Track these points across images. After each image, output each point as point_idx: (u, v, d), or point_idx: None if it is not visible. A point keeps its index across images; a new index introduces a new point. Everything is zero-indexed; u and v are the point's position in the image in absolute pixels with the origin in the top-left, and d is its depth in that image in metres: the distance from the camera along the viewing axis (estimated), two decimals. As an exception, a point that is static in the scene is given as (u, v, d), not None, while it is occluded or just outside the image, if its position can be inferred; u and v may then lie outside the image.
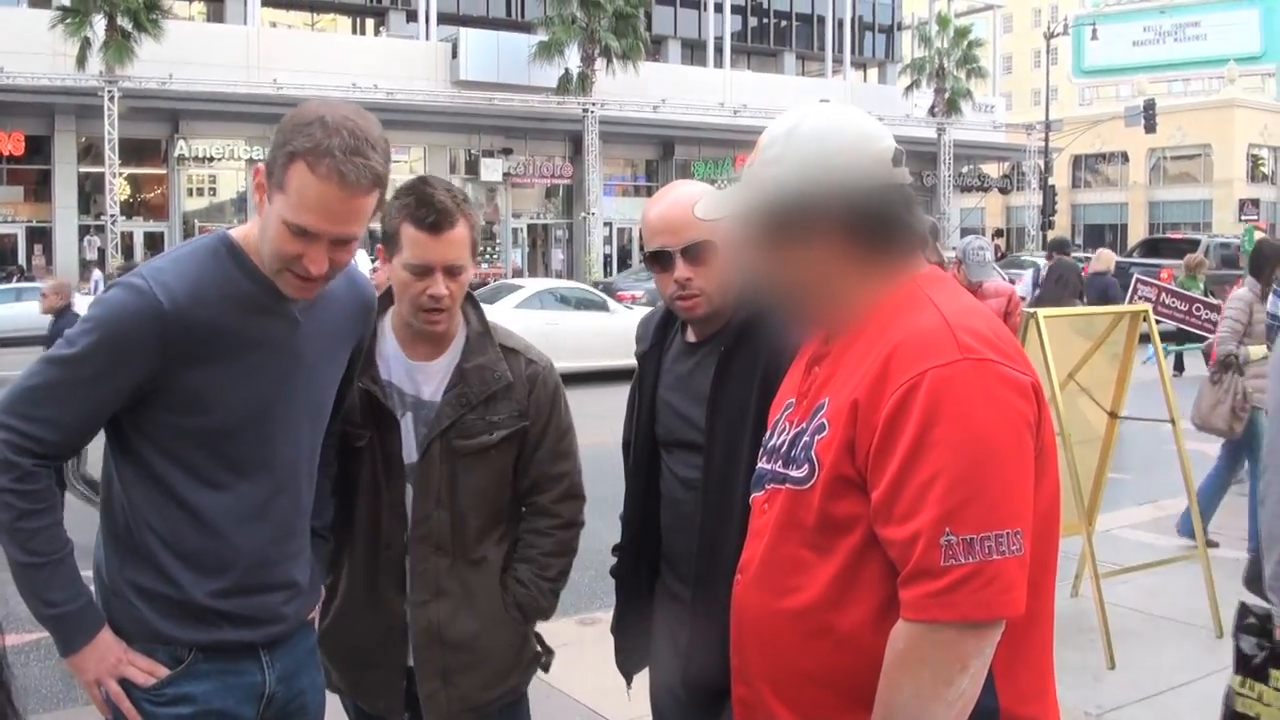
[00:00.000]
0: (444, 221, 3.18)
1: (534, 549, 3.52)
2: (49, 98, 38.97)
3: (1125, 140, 66.89)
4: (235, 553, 2.86)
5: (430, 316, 3.27)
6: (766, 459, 2.59)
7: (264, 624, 2.96)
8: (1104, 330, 7.68)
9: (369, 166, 2.66)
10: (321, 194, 2.63)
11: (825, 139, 2.40)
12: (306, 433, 3.02)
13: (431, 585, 3.36)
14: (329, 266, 2.74)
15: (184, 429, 2.78)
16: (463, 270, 3.26)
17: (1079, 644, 6.78)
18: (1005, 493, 2.15)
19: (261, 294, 2.81)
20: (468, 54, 46.49)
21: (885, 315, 2.37)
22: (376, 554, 3.40)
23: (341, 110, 2.69)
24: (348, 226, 2.71)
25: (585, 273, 41.60)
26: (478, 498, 3.41)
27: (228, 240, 2.85)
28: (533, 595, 3.48)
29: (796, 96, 45.57)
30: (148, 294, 2.67)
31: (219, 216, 43.78)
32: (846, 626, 2.30)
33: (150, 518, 2.80)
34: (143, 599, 2.82)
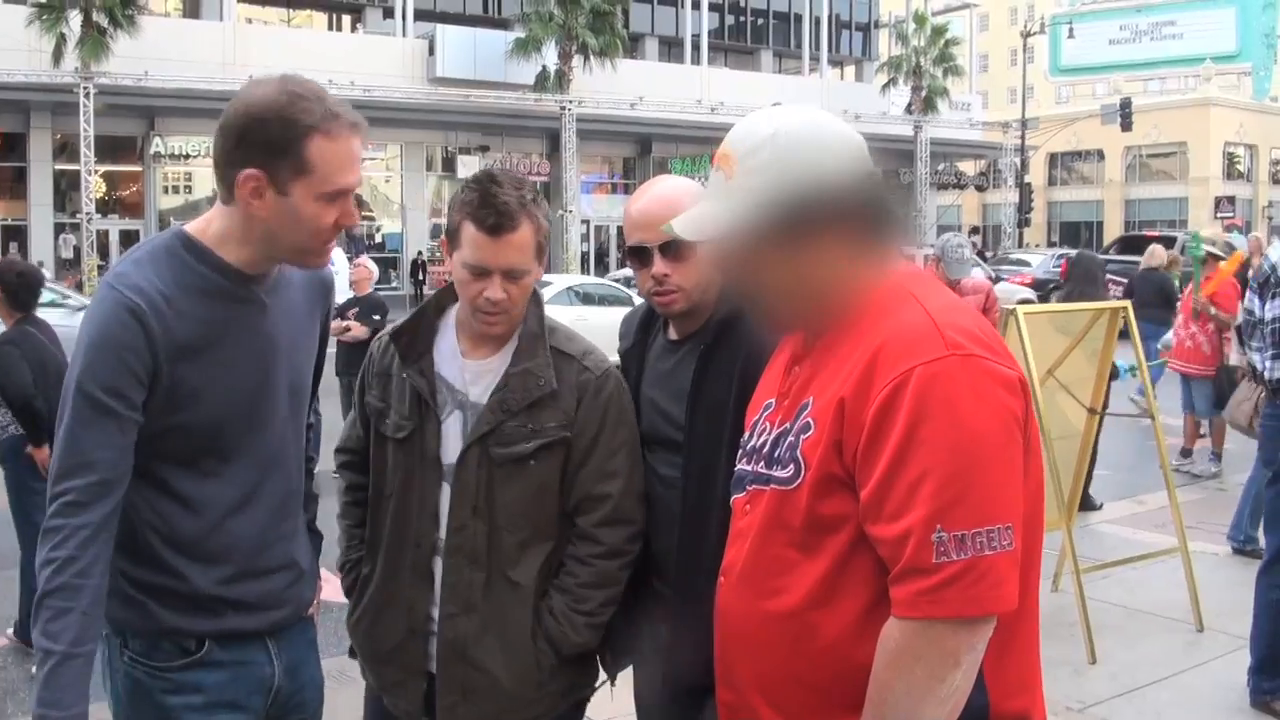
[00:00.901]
0: (505, 223, 3.07)
1: (572, 578, 3.26)
2: (24, 94, 38.80)
3: (1101, 138, 67.15)
4: (233, 538, 2.87)
5: (486, 319, 3.17)
6: (746, 460, 2.57)
7: (270, 609, 2.97)
8: (1083, 327, 7.69)
9: (354, 111, 2.78)
10: (349, 151, 2.74)
11: (816, 139, 2.38)
12: (289, 413, 3.03)
13: (462, 599, 3.21)
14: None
15: (173, 425, 2.76)
16: (525, 274, 3.15)
17: (1060, 638, 6.78)
18: (995, 488, 2.14)
19: (226, 282, 2.82)
20: (444, 51, 46.46)
21: (869, 313, 2.35)
22: (404, 551, 3.28)
23: (286, 79, 2.75)
24: (360, 169, 2.83)
25: (564, 270, 41.49)
26: (517, 512, 3.22)
27: (183, 235, 2.85)
28: (564, 630, 3.23)
29: (774, 94, 45.72)
30: (122, 297, 2.68)
31: (195, 214, 41.53)
32: (834, 627, 2.28)
33: (146, 514, 2.80)
34: (147, 594, 2.82)
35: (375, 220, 49.96)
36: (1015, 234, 57.48)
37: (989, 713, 2.26)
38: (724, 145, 2.46)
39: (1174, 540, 7.68)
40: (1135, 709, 6.17)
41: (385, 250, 47.89)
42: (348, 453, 3.55)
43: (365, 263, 13.98)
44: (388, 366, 3.36)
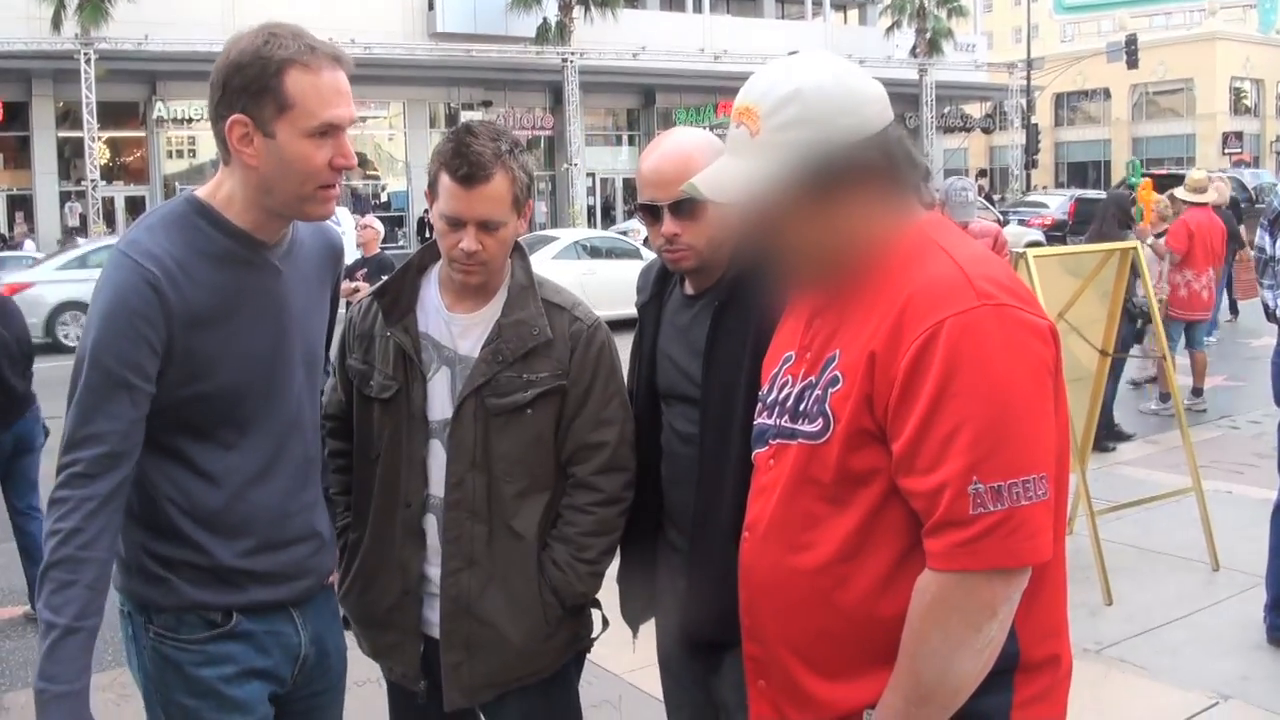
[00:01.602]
0: (477, 173, 3.08)
1: (572, 527, 3.29)
2: (25, 63, 38.58)
3: (1107, 77, 66.76)
4: (255, 509, 2.86)
5: (463, 268, 3.17)
6: (767, 414, 2.56)
7: (293, 579, 2.96)
8: (1094, 268, 7.66)
9: (333, 45, 2.75)
10: (332, 82, 2.69)
11: (842, 93, 2.34)
12: (305, 380, 3.01)
13: (465, 554, 3.22)
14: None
15: (190, 396, 2.74)
16: (500, 226, 3.15)
17: (1076, 581, 6.70)
18: (1030, 438, 2.15)
19: (239, 248, 2.79)
20: (444, 5, 46.08)
21: (895, 264, 2.33)
22: (394, 512, 3.29)
23: (265, 25, 2.72)
24: (353, 107, 2.77)
25: (571, 224, 41.36)
26: (513, 461, 3.23)
27: (195, 201, 2.82)
28: (568, 579, 3.27)
29: (777, 41, 45.42)
30: (135, 267, 2.65)
31: (199, 178, 43.33)
32: (864, 580, 2.29)
33: (165, 488, 2.77)
34: (169, 569, 2.80)
35: (380, 179, 49.83)
36: (1023, 176, 57.20)
37: (1019, 659, 2.28)
38: (743, 99, 2.41)
39: (1188, 480, 7.69)
40: (1152, 648, 6.21)
41: (391, 209, 47.74)
42: (329, 419, 3.49)
43: (372, 222, 13.94)
44: (369, 328, 3.37)
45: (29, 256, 33.02)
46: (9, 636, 7.23)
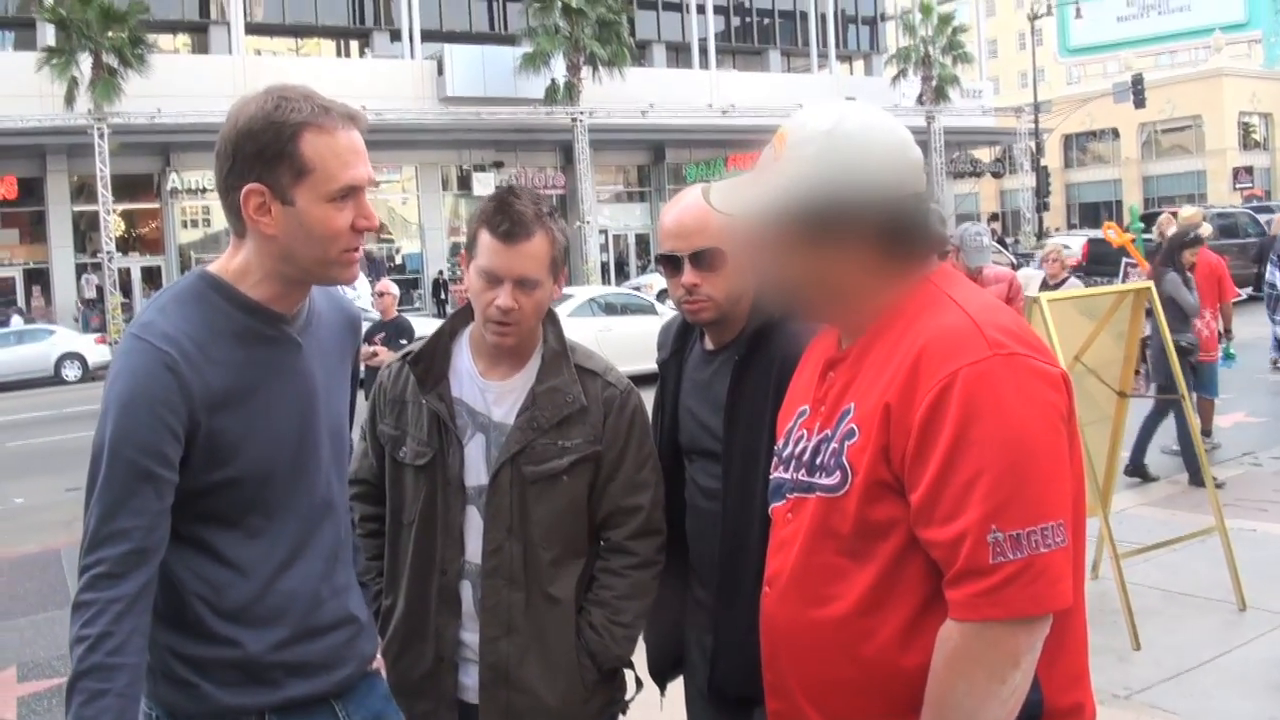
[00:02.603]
0: (518, 231, 3.10)
1: (608, 590, 3.28)
2: (39, 139, 38.99)
3: (1115, 117, 66.87)
4: (287, 598, 2.68)
5: (497, 329, 3.17)
6: (784, 468, 2.57)
7: (331, 669, 2.77)
8: (1108, 310, 7.66)
9: (345, 104, 2.62)
10: (348, 143, 2.57)
11: (869, 144, 2.37)
12: (332, 458, 2.85)
13: (503, 621, 3.19)
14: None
15: (215, 482, 2.58)
16: (536, 286, 3.15)
17: (1103, 626, 6.75)
18: (1046, 486, 2.15)
19: (258, 323, 2.66)
20: (453, 70, 46.47)
21: (906, 316, 2.36)
22: (430, 579, 3.25)
23: (271, 88, 2.58)
24: (369, 163, 2.65)
25: (584, 282, 41.46)
26: (550, 528, 3.21)
27: (208, 276, 2.68)
28: (605, 643, 3.25)
29: (784, 93, 45.61)
30: (153, 348, 2.51)
31: (214, 247, 43.75)
32: (885, 632, 2.29)
33: (190, 582, 2.60)
34: (198, 672, 2.62)
35: (394, 242, 50.08)
36: (1035, 218, 57.23)
37: (1044, 708, 2.27)
38: (783, 125, 2.45)
39: (1211, 520, 7.65)
40: (1182, 693, 6.15)
41: (406, 271, 48.00)
42: (359, 484, 3.47)
43: (388, 287, 13.96)
44: (401, 393, 3.36)
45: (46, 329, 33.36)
46: (36, 712, 7.21)
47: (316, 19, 51.63)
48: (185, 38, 51.27)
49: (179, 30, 50.49)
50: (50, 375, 32.06)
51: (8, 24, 47.12)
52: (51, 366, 32.52)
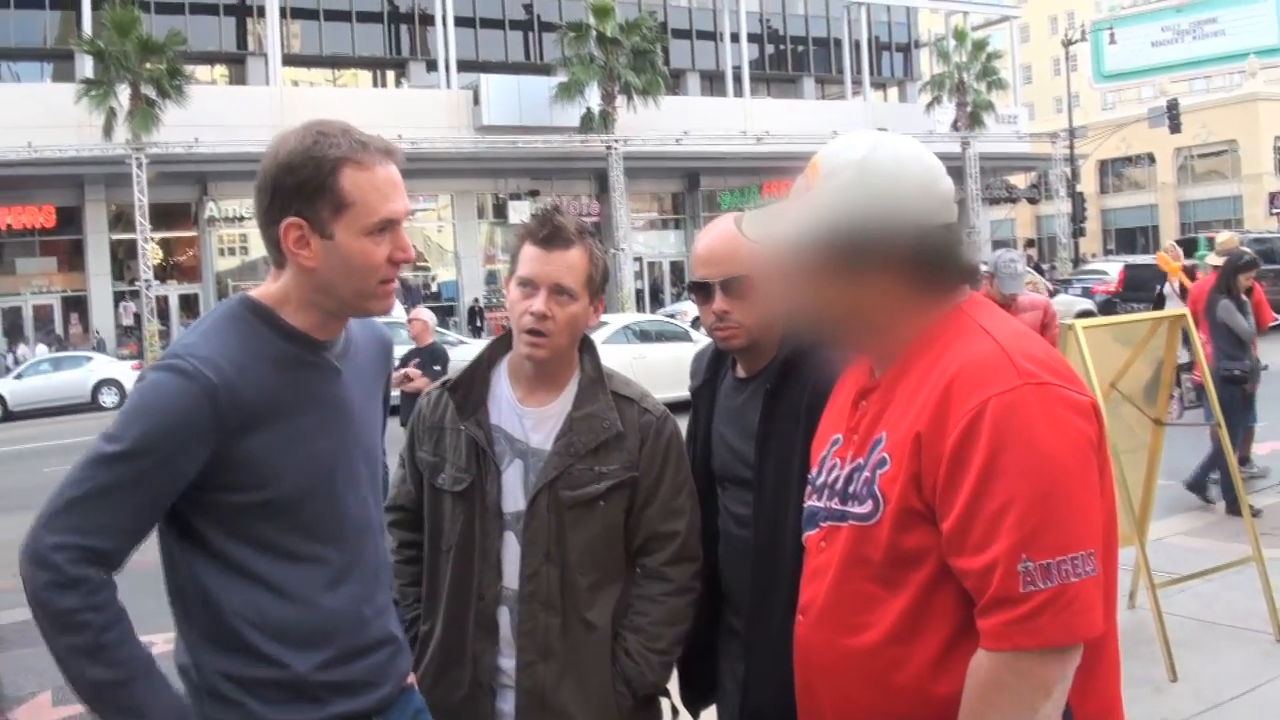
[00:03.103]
0: (557, 238, 3.15)
1: (644, 617, 3.28)
2: (78, 169, 39.38)
3: (1151, 142, 66.59)
4: (330, 620, 2.71)
5: (529, 339, 3.17)
6: (817, 496, 2.57)
7: (374, 688, 2.80)
8: (1143, 337, 7.63)
9: (381, 139, 2.67)
10: (386, 177, 2.62)
11: (900, 175, 2.38)
12: (368, 480, 2.89)
13: (540, 646, 3.19)
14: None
15: (250, 505, 2.60)
16: (572, 298, 3.18)
17: (1139, 656, 6.69)
18: (1077, 515, 2.15)
19: (298, 349, 2.70)
20: (489, 99, 46.74)
21: (937, 345, 2.37)
22: (468, 604, 3.25)
23: (310, 123, 2.65)
24: (405, 196, 2.69)
25: (619, 309, 41.53)
26: (587, 553, 3.22)
27: (250, 302, 2.72)
28: (641, 670, 3.24)
29: (818, 121, 45.62)
30: (193, 373, 2.50)
31: (251, 275, 44.08)
32: (918, 661, 2.29)
33: (234, 604, 2.61)
34: (244, 691, 2.62)
35: (430, 270, 50.29)
36: (1071, 244, 57.05)
37: (1075, 739, 2.26)
38: (817, 154, 2.47)
39: (1248, 549, 7.60)
40: (1221, 723, 6.09)
41: (441, 299, 48.17)
42: (397, 510, 3.52)
43: (419, 314, 14.03)
44: (440, 420, 3.39)
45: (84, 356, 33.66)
46: None
47: (353, 50, 51.99)
48: (223, 69, 51.72)
49: (216, 61, 50.95)
50: (88, 401, 32.32)
51: (46, 55, 47.61)
52: (89, 393, 32.85)
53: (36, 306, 42.93)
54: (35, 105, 38.87)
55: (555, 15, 51.62)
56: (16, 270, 43.14)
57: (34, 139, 36.47)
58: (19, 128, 36.56)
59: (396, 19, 52.60)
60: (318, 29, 50.97)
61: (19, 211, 40.77)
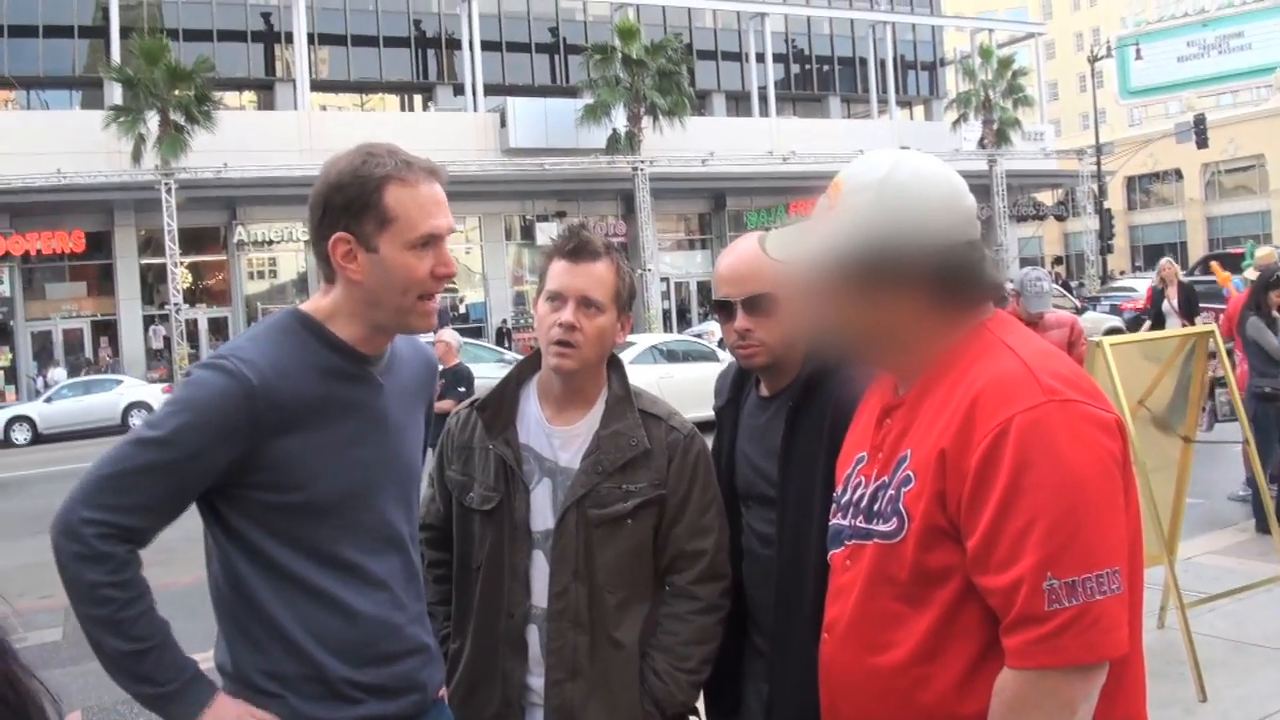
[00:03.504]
0: (584, 250, 3.18)
1: (672, 636, 3.27)
2: (107, 194, 39.58)
3: (1178, 158, 66.48)
4: (364, 624, 2.81)
5: (557, 349, 3.19)
6: (842, 514, 2.57)
7: (405, 693, 2.89)
8: (1172, 354, 7.60)
9: (426, 160, 2.81)
10: (430, 194, 2.75)
11: (922, 194, 2.38)
12: (404, 494, 2.99)
13: (568, 664, 3.20)
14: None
15: (288, 506, 2.73)
16: (599, 311, 3.19)
17: (1169, 677, 6.63)
18: (1102, 532, 2.15)
19: (342, 361, 2.82)
20: (516, 122, 46.86)
21: (961, 363, 2.36)
22: (497, 622, 3.27)
23: (361, 145, 2.79)
24: (449, 213, 2.82)
25: (646, 329, 41.52)
26: (615, 572, 3.23)
27: (299, 314, 2.85)
28: (669, 689, 3.23)
29: (844, 140, 45.61)
30: (235, 372, 2.64)
31: (281, 298, 44.26)
32: (943, 679, 2.28)
33: (273, 604, 2.73)
34: (283, 685, 2.74)
35: (458, 291, 50.40)
36: (1099, 261, 56.85)
37: (1099, 758, 2.25)
38: (839, 174, 2.48)
39: (1278, 568, 7.54)
40: (1251, 744, 6.04)
41: (470, 320, 48.23)
42: (427, 529, 3.51)
43: (444, 336, 14.04)
44: (468, 439, 3.40)
45: (114, 379, 33.86)
46: None
47: (381, 74, 52.30)
48: (251, 94, 52.02)
49: (245, 87, 51.27)
50: (118, 424, 32.45)
51: (75, 83, 47.98)
52: (119, 415, 32.93)
53: (66, 330, 43.16)
54: (64, 132, 39.18)
55: (581, 38, 51.90)
56: (46, 295, 43.37)
57: (64, 165, 36.73)
58: (49, 154, 36.86)
59: (423, 44, 52.89)
60: (345, 54, 51.24)
61: (49, 237, 40.92)
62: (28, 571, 12.22)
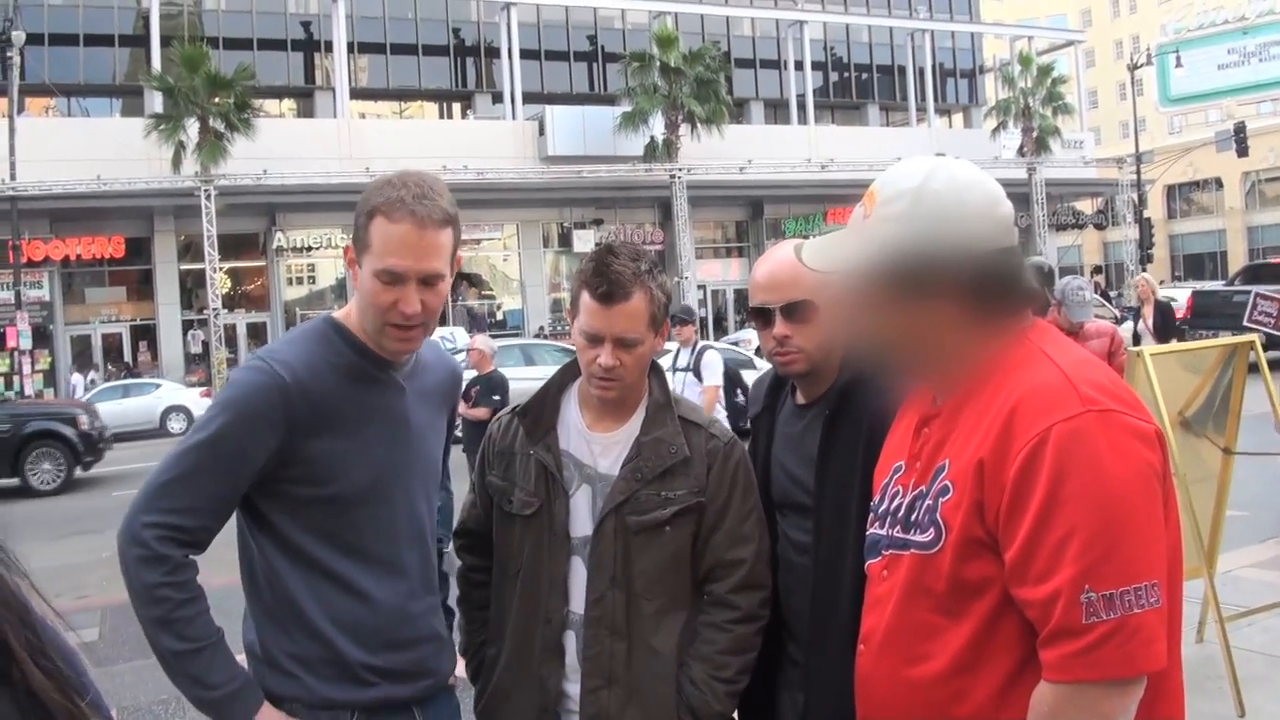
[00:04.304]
0: (616, 292, 3.15)
1: (709, 645, 3.25)
2: (147, 201, 39.88)
3: (1218, 166, 66.10)
4: (380, 611, 3.00)
5: (600, 384, 3.23)
6: (879, 524, 2.57)
7: (417, 678, 3.08)
8: (1212, 364, 7.53)
9: (437, 205, 2.91)
10: (401, 235, 2.88)
11: (958, 201, 2.37)
12: (424, 492, 3.18)
13: (605, 671, 3.21)
14: (422, 309, 2.94)
15: (315, 499, 2.93)
16: (637, 344, 3.21)
17: (1207, 692, 6.58)
18: (1140, 545, 2.13)
19: (368, 365, 3.02)
20: (554, 130, 46.93)
21: (1000, 372, 2.35)
22: (534, 628, 3.28)
23: (402, 173, 2.97)
24: (429, 262, 2.92)
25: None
26: (653, 579, 3.23)
27: (331, 320, 3.08)
28: (706, 699, 3.21)
29: (883, 148, 45.48)
30: (268, 371, 2.87)
31: (319, 304, 44.48)
32: (981, 691, 2.28)
33: (297, 587, 2.93)
34: (303, 667, 2.94)
35: (496, 298, 50.54)
36: (1138, 271, 56.42)
37: (1136, 772, 2.23)
38: (874, 183, 2.48)
39: (1322, 581, 7.47)
40: (1290, 760, 5.98)
41: (507, 327, 48.30)
42: (467, 535, 3.58)
43: (476, 343, 14.08)
44: (510, 445, 3.41)
45: (153, 383, 34.11)
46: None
47: (419, 83, 52.50)
48: (291, 102, 52.29)
49: (285, 95, 51.53)
50: (156, 427, 32.72)
51: (116, 92, 48.38)
52: (157, 419, 33.30)
53: (105, 335, 43.44)
54: (105, 139, 39.40)
55: (619, 46, 51.90)
56: (86, 300, 43.67)
57: (103, 172, 36.99)
58: (89, 161, 37.13)
59: (462, 52, 53.05)
60: (384, 62, 51.44)
61: (89, 242, 41.24)
62: (65, 572, 12.38)
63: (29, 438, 22.42)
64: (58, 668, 1.49)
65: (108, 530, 15.52)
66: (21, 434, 22.38)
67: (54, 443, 22.61)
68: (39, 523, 18.03)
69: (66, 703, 1.46)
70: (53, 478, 22.43)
